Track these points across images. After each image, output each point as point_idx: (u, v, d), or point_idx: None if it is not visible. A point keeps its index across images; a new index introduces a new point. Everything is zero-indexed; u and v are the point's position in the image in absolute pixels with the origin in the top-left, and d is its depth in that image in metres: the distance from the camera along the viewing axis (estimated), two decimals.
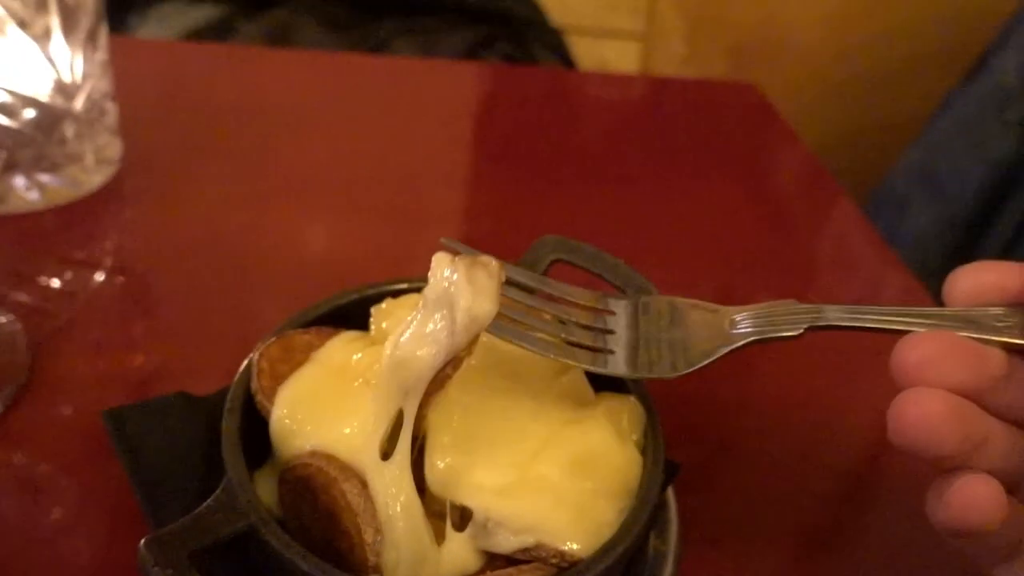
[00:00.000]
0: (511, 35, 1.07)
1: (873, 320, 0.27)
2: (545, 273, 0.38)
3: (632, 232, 0.56)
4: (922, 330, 0.25)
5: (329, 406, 0.29)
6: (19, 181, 0.45)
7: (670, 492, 0.36)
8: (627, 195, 0.59)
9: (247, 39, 0.91)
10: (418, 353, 0.27)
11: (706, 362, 0.29)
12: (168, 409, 0.31)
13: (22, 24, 0.42)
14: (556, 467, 0.29)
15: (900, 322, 0.27)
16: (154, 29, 0.93)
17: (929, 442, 0.23)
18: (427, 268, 0.51)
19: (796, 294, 0.30)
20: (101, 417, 0.31)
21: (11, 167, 0.45)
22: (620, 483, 0.30)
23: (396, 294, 0.35)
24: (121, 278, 0.45)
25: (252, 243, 0.49)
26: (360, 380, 0.30)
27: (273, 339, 0.32)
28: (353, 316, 0.34)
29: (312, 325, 0.33)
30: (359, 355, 0.31)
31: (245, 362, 0.31)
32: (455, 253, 0.28)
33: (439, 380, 0.28)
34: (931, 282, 1.00)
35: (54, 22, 0.42)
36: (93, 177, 0.48)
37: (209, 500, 0.27)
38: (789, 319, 0.29)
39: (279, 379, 0.30)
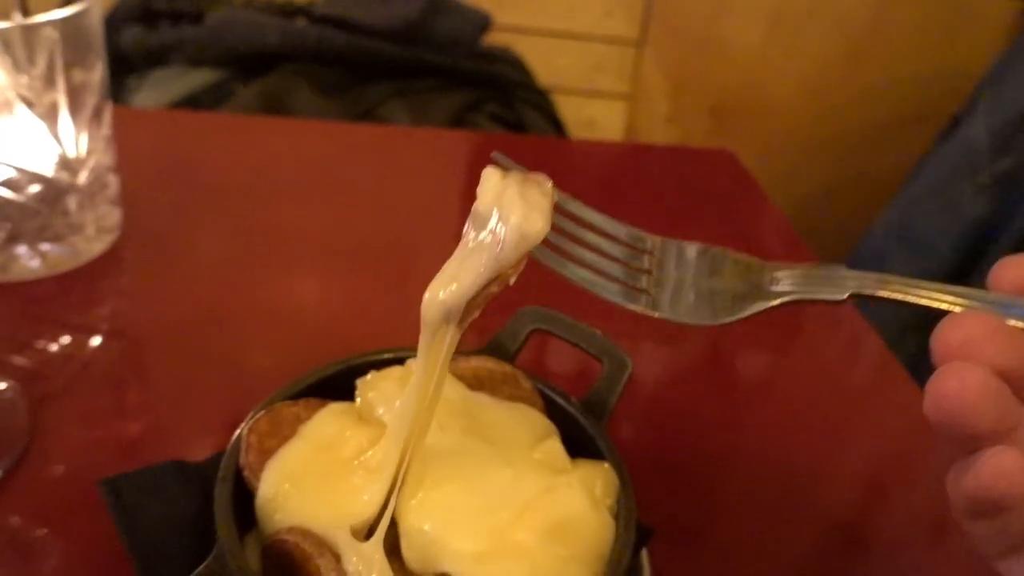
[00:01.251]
0: (500, 97, 1.10)
1: (919, 296, 0.27)
2: (524, 344, 0.40)
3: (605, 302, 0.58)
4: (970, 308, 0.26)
5: (312, 485, 0.31)
6: (22, 250, 0.47)
7: (644, 554, 0.38)
8: None
9: (243, 103, 0.94)
10: (460, 282, 0.27)
11: (744, 315, 0.28)
12: (162, 477, 0.33)
13: (29, 103, 0.44)
14: (532, 534, 0.30)
15: (947, 301, 0.26)
16: (152, 92, 0.96)
17: (966, 417, 0.23)
18: (416, 330, 0.53)
19: (777, 354, 0.31)
20: (97, 485, 0.32)
21: (15, 238, 0.47)
22: (594, 549, 0.31)
23: (380, 364, 0.37)
24: (118, 343, 0.47)
25: (245, 307, 0.50)
26: (355, 463, 0.31)
27: (262, 412, 0.33)
28: (340, 386, 0.36)
29: (300, 396, 0.35)
30: (348, 433, 0.32)
31: (236, 433, 0.33)
32: (506, 170, 0.28)
33: (482, 299, 0.27)
34: (909, 335, 1.03)
35: (61, 101, 0.45)
36: (93, 246, 0.50)
37: (201, 567, 0.28)
38: (834, 283, 0.28)
39: (266, 454, 0.32)
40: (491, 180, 0.27)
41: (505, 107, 1.09)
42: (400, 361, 0.37)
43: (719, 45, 1.30)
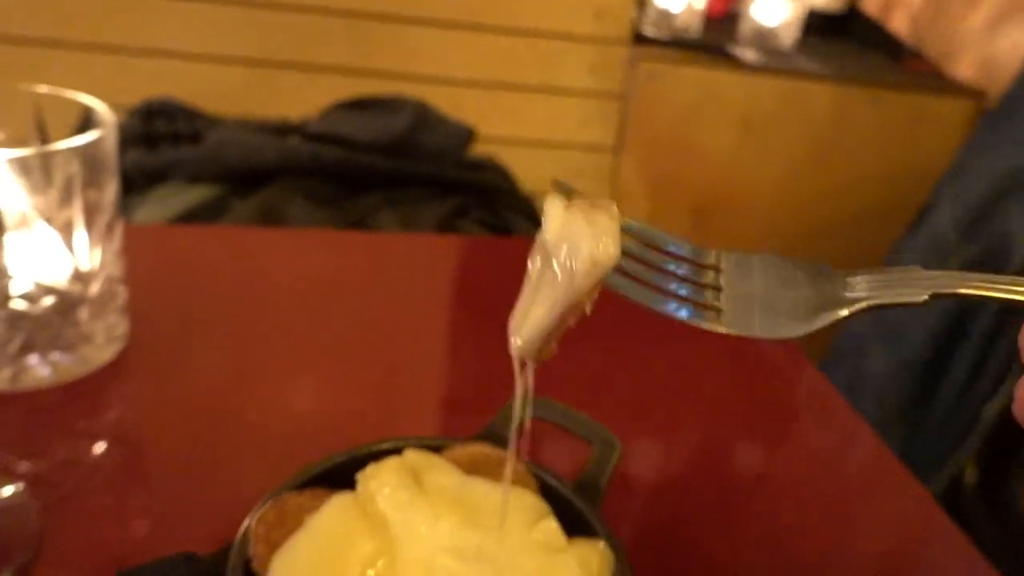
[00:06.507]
0: (485, 203, 1.15)
1: (1000, 290, 0.26)
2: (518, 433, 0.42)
3: (601, 385, 0.60)
4: None
5: None
6: (34, 360, 0.49)
7: None
8: (595, 352, 0.64)
9: (240, 216, 0.98)
10: (533, 319, 0.27)
11: (820, 325, 0.27)
12: (174, 569, 0.34)
13: (47, 220, 0.47)
14: None
15: None
16: (153, 209, 1.00)
17: None
18: (411, 427, 0.55)
19: (765, 447, 0.30)
20: None
21: (28, 348, 0.49)
22: None
23: (381, 454, 0.38)
24: (124, 447, 0.48)
25: (247, 409, 0.52)
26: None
27: (269, 503, 0.35)
28: (344, 475, 0.37)
29: (306, 486, 0.37)
30: (354, 531, 0.34)
31: (244, 524, 0.34)
32: (568, 195, 0.27)
33: (559, 332, 0.27)
34: (893, 423, 1.04)
35: (77, 218, 0.48)
36: (101, 354, 0.52)
37: None
38: (912, 284, 0.26)
39: (274, 546, 0.33)
40: (555, 209, 0.26)
41: (491, 213, 1.13)
42: (398, 451, 0.39)
43: (693, 149, 1.37)
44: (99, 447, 0.48)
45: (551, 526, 0.35)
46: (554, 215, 0.26)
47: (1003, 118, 1.12)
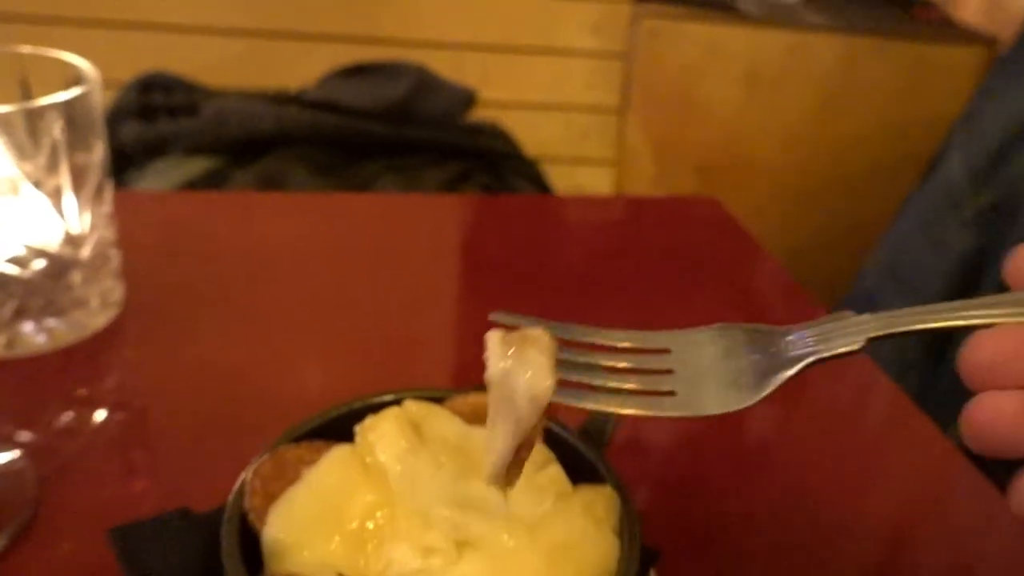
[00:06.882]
0: (488, 168, 1.14)
1: (937, 319, 0.26)
2: None
3: None
4: (990, 321, 0.25)
5: (316, 535, 0.31)
6: (27, 326, 0.48)
7: None
8: (606, 310, 0.63)
9: (240, 187, 0.97)
10: (492, 456, 0.28)
11: (769, 391, 0.28)
12: (170, 525, 0.33)
13: (36, 183, 0.46)
14: (536, 557, 0.31)
15: (967, 316, 0.26)
16: (152, 182, 0.99)
17: (1006, 444, 0.24)
18: (414, 386, 0.54)
19: (780, 398, 0.29)
20: (106, 539, 0.33)
21: (21, 313, 0.48)
22: (599, 567, 0.31)
23: (380, 406, 0.37)
24: (122, 414, 0.48)
25: (246, 373, 0.51)
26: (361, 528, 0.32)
27: (266, 456, 0.34)
28: (342, 429, 0.36)
29: (304, 439, 0.36)
30: (353, 485, 0.33)
31: (241, 476, 0.34)
32: (507, 328, 0.29)
33: (517, 463, 0.29)
34: (910, 375, 1.02)
35: (65, 180, 0.47)
36: (97, 319, 0.51)
37: None
38: (848, 332, 0.27)
39: (271, 498, 0.32)
40: (494, 348, 0.28)
41: (494, 178, 1.12)
42: (397, 403, 0.38)
43: (699, 106, 1.34)
44: (96, 413, 0.47)
45: (555, 471, 0.34)
46: (493, 353, 0.28)
47: (1015, 63, 1.09)
